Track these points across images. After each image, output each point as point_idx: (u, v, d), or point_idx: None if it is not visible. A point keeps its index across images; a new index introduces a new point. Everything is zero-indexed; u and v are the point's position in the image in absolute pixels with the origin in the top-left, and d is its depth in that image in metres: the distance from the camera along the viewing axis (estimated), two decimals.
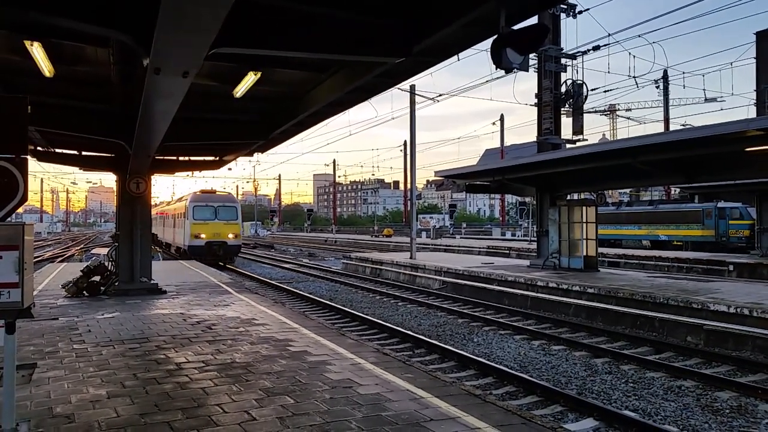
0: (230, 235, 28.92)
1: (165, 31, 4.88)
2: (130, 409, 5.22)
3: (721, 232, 31.98)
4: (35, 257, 30.37)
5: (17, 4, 5.66)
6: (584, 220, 18.83)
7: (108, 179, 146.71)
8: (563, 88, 23.15)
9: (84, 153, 14.59)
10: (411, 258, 24.77)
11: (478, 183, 22.93)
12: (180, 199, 35.96)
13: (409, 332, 11.70)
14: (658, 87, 43.62)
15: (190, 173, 44.07)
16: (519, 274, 17.54)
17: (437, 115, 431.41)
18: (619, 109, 62.47)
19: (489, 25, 6.26)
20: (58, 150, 14.39)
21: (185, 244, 29.02)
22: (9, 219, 4.66)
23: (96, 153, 14.48)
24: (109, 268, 13.89)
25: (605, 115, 66.41)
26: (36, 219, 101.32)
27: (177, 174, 42.28)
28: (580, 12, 23.21)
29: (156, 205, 55.33)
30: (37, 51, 7.54)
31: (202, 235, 28.17)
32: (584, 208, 19.15)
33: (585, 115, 24.64)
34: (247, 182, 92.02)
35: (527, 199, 45.02)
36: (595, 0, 36.10)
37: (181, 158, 16.07)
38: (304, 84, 10.49)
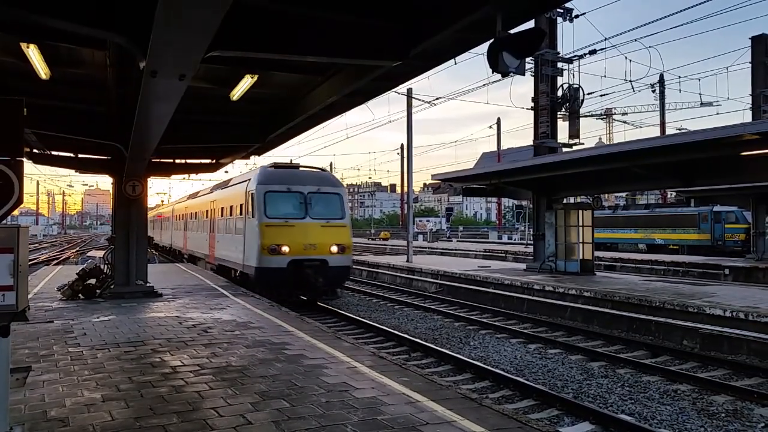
0: (333, 248, 15.25)
1: (161, 34, 4.87)
2: (125, 413, 5.20)
3: (717, 235, 32.07)
4: (31, 260, 30.26)
5: (12, 6, 5.65)
6: (580, 224, 18.86)
7: (104, 181, 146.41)
8: (560, 92, 23.19)
9: (80, 155, 14.54)
10: (407, 261, 24.76)
11: (475, 186, 22.96)
12: (225, 184, 21.18)
13: (405, 336, 11.69)
14: (654, 91, 43.78)
15: (186, 176, 43.79)
16: (515, 277, 17.54)
17: (434, 119, 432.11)
18: (615, 113, 62.63)
19: (485, 28, 6.28)
20: (54, 152, 14.34)
21: (248, 264, 15.57)
22: (4, 221, 4.64)
23: (92, 155, 14.44)
24: (105, 270, 13.85)
25: (602, 118, 66.69)
26: (32, 221, 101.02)
27: (173, 177, 41.59)
28: (577, 16, 23.25)
29: (154, 206, 53.78)
30: (33, 53, 7.53)
31: (284, 249, 14.69)
32: (580, 211, 19.18)
33: (581, 118, 24.69)
34: None
35: (524, 203, 45.12)
36: (592, 4, 36.28)
37: (177, 161, 16.03)
38: (301, 87, 10.50)
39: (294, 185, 15.52)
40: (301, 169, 17.01)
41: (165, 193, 61.03)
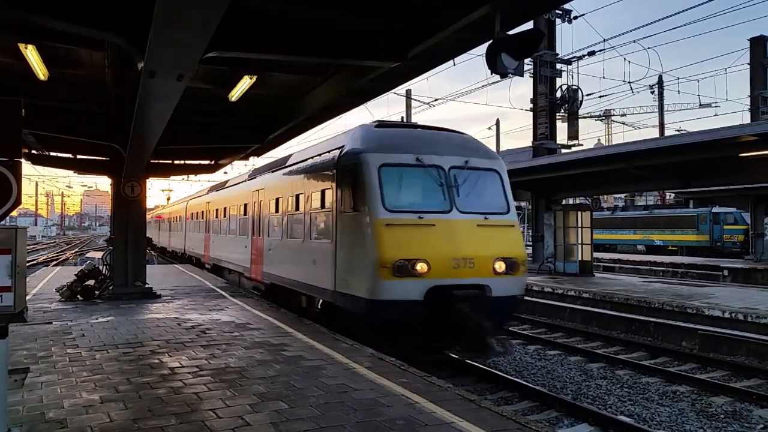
0: (499, 265, 8.69)
1: (159, 34, 4.87)
2: (124, 414, 5.18)
3: (715, 237, 32.11)
4: (29, 261, 30.19)
5: (12, 6, 5.65)
6: (579, 225, 18.87)
7: (103, 183, 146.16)
8: (558, 93, 23.23)
9: (79, 156, 14.55)
10: None
11: None
12: (282, 162, 13.60)
13: None
14: (653, 92, 43.76)
15: (185, 177, 43.16)
16: None
17: (433, 120, 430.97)
18: (614, 114, 62.81)
19: (484, 29, 6.27)
20: (52, 153, 14.34)
21: (348, 292, 8.96)
22: (2, 222, 4.64)
23: (91, 156, 14.44)
24: (104, 272, 13.83)
25: (600, 120, 66.75)
26: (30, 222, 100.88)
27: (172, 177, 41.27)
28: (576, 17, 23.30)
29: (153, 207, 52.29)
30: (31, 54, 7.53)
31: (420, 267, 8.19)
32: (579, 212, 19.20)
33: (580, 120, 24.77)
34: None
35: (522, 204, 45.10)
36: (591, 5, 36.32)
37: (176, 162, 16.03)
38: (300, 88, 10.49)
39: (426, 154, 9.01)
40: (418, 127, 10.32)
41: (171, 189, 59.44)
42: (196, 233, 24.43)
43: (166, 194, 57.42)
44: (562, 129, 24.20)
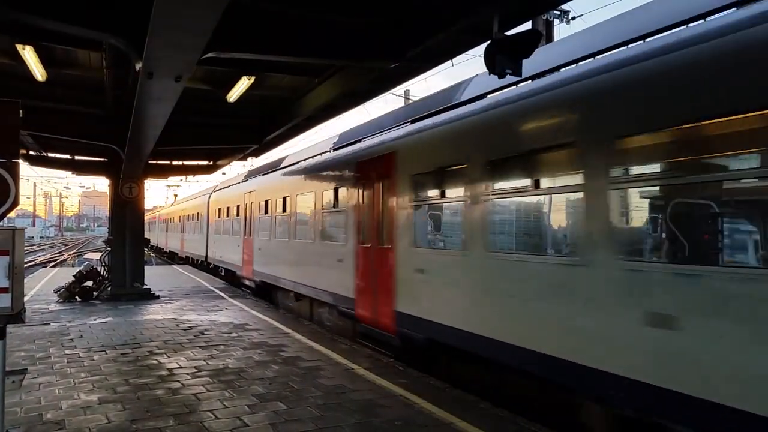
0: None
1: (157, 35, 4.87)
2: (122, 415, 5.18)
3: None
4: (27, 262, 30.13)
5: (9, 6, 5.64)
6: None
7: (102, 183, 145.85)
8: None
9: (77, 157, 14.55)
10: None
11: None
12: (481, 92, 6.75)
13: None
14: None
15: (183, 177, 42.70)
16: None
17: None
18: None
19: (482, 30, 6.28)
20: (50, 154, 14.34)
21: None
22: (1, 223, 4.63)
23: (89, 157, 14.44)
24: (102, 273, 13.82)
25: None
26: (28, 223, 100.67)
27: (170, 178, 41.01)
28: (574, 18, 23.30)
29: (151, 209, 50.59)
30: (29, 55, 7.52)
31: None
32: None
33: None
34: None
35: None
36: (589, 6, 36.39)
37: (174, 163, 16.03)
38: (298, 89, 10.48)
39: None
40: None
41: (178, 185, 58.02)
42: (226, 236, 18.84)
43: (173, 191, 56.51)
44: None
